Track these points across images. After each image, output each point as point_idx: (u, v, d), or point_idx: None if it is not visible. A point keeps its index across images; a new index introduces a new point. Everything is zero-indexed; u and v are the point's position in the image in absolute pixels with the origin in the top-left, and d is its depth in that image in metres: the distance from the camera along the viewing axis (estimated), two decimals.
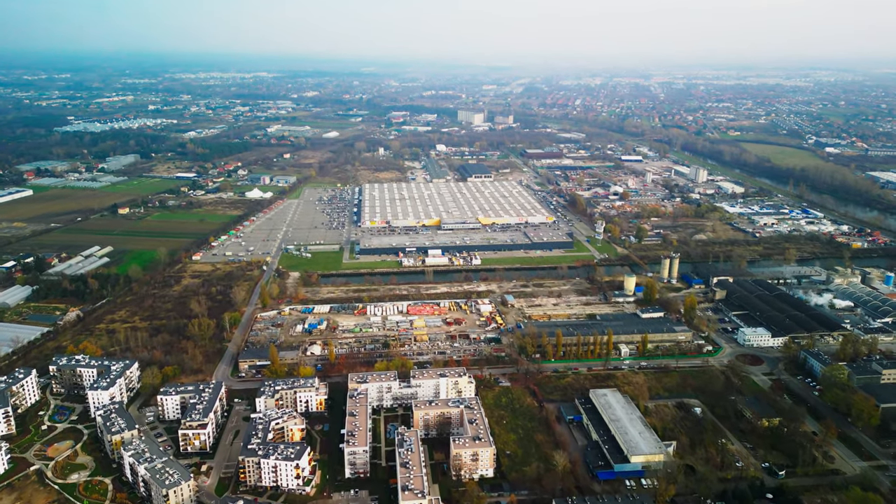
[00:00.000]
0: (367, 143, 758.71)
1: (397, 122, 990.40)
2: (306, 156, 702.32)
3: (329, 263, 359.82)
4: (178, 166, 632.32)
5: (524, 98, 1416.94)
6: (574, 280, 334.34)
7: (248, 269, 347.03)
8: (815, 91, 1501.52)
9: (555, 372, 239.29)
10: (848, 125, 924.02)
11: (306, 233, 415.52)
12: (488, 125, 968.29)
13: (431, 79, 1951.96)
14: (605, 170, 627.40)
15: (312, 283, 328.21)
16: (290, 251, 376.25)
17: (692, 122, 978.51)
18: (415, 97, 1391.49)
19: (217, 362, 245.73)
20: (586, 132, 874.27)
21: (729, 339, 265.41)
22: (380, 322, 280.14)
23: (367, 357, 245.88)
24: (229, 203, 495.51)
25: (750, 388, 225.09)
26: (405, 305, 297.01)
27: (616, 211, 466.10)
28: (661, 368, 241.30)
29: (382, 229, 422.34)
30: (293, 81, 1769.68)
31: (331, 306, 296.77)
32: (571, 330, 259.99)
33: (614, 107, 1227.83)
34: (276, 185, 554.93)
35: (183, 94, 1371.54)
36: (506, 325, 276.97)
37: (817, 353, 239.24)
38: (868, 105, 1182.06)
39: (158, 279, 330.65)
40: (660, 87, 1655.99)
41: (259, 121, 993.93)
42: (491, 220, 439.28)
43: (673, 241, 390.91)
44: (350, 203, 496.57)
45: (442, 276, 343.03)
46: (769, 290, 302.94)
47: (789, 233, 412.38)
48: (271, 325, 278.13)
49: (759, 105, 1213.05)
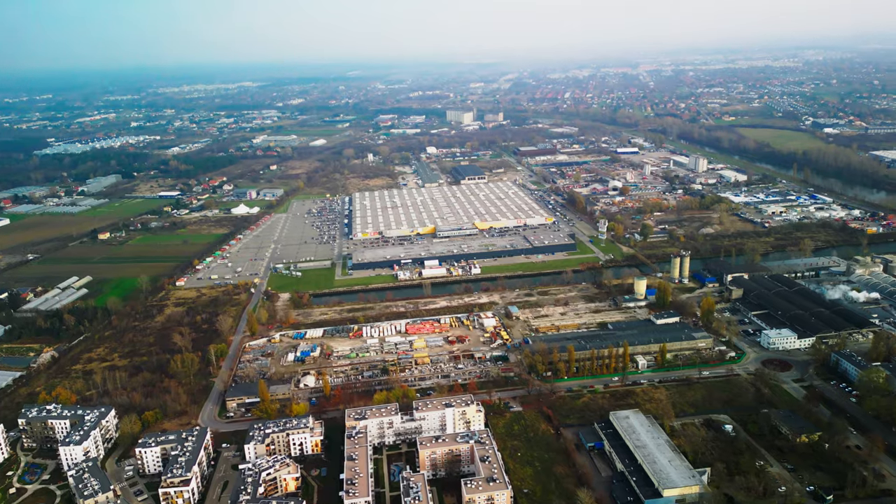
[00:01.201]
0: (356, 150, 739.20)
1: (385, 125, 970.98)
2: (293, 166, 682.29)
3: (321, 281, 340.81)
4: (161, 185, 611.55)
5: (513, 94, 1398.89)
6: (580, 285, 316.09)
7: (234, 292, 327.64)
8: (806, 71, 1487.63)
9: (569, 392, 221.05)
10: (843, 104, 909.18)
11: (296, 249, 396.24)
12: (478, 124, 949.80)
13: (418, 79, 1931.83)
14: (601, 164, 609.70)
15: (304, 304, 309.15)
16: (278, 270, 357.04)
17: (685, 110, 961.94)
18: (402, 99, 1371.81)
19: (203, 402, 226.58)
20: (578, 126, 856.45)
21: (752, 343, 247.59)
22: (377, 345, 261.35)
23: (364, 387, 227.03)
24: (214, 221, 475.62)
25: (782, 398, 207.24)
26: (403, 324, 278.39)
27: (617, 207, 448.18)
28: (682, 381, 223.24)
29: (375, 241, 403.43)
30: (278, 90, 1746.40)
31: (324, 329, 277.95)
32: (584, 343, 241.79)
33: (604, 98, 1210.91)
34: (262, 199, 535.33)
35: (166, 109, 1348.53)
36: (512, 340, 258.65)
37: (850, 354, 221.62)
38: (861, 82, 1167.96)
39: (139, 310, 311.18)
40: (648, 76, 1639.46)
41: (244, 132, 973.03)
42: (488, 224, 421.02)
43: (680, 236, 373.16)
44: (340, 214, 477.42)
45: (440, 289, 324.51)
46: (788, 286, 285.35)
47: (799, 221, 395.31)
48: (261, 355, 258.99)
49: (751, 88, 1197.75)
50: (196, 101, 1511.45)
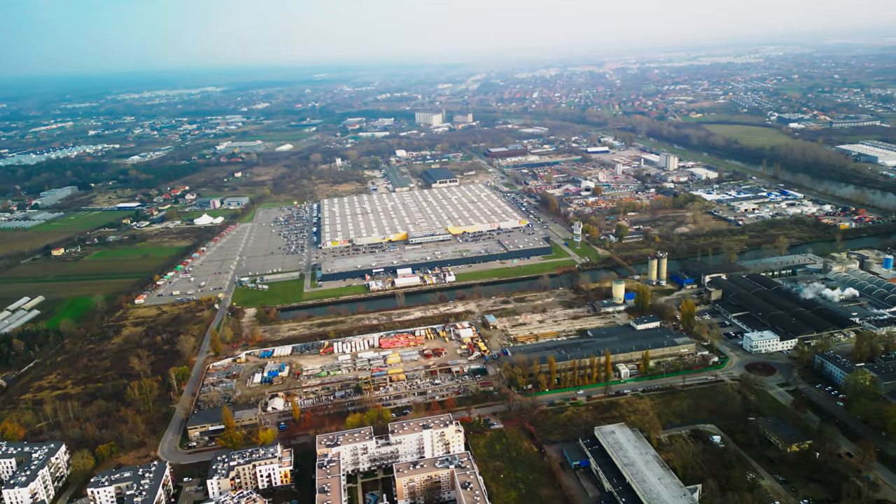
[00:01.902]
0: (324, 154, 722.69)
1: (353, 128, 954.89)
2: (259, 173, 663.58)
3: (289, 294, 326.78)
4: (119, 196, 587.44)
5: (481, 94, 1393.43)
6: (557, 290, 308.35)
7: (197, 309, 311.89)
8: (767, 67, 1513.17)
9: (551, 405, 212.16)
10: (806, 98, 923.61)
11: (262, 261, 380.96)
12: (448, 125, 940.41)
13: (385, 81, 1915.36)
14: (572, 164, 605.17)
15: (271, 319, 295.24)
16: (244, 284, 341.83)
17: (653, 107, 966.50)
18: (369, 101, 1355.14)
19: (162, 431, 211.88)
20: (548, 125, 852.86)
21: (734, 347, 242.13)
22: (349, 361, 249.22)
23: (337, 408, 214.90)
24: (176, 233, 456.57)
25: (768, 404, 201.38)
26: (377, 338, 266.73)
27: (590, 208, 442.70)
28: (667, 389, 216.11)
29: (345, 249, 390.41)
30: (243, 94, 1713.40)
31: (293, 347, 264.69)
32: (564, 353, 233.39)
33: (572, 97, 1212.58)
34: (227, 208, 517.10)
35: (126, 116, 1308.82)
36: (490, 351, 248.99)
37: (834, 356, 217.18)
38: (822, 77, 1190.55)
39: (95, 332, 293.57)
40: (615, 74, 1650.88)
41: (208, 139, 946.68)
42: (461, 229, 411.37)
43: (655, 237, 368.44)
44: (308, 222, 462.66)
45: (414, 299, 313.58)
46: (767, 286, 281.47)
47: (772, 217, 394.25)
48: (225, 376, 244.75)
49: (716, 84, 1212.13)
50: (157, 108, 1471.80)
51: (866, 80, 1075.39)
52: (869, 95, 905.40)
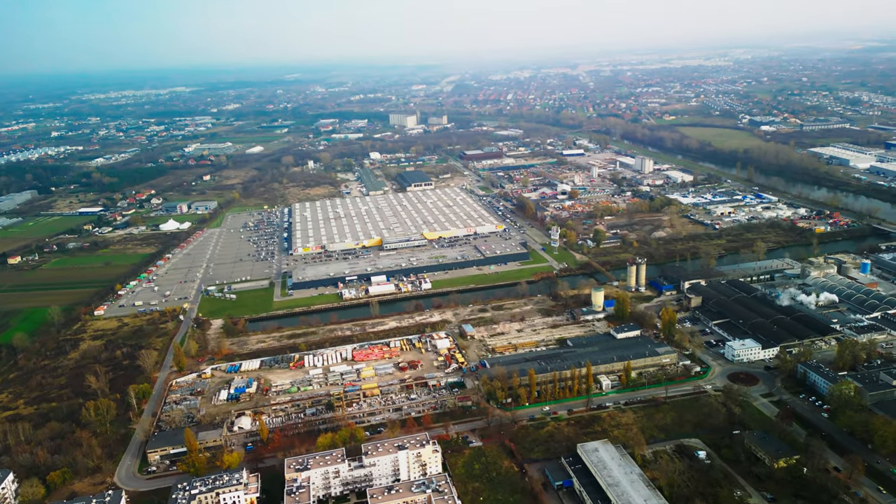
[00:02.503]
0: (295, 157, 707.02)
1: (326, 130, 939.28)
2: (228, 176, 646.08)
3: (258, 304, 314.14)
4: (81, 200, 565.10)
5: (455, 96, 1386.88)
6: (536, 298, 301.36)
7: (161, 321, 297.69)
8: (737, 69, 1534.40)
9: (531, 420, 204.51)
10: (776, 101, 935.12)
11: (230, 268, 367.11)
12: (422, 127, 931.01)
13: (359, 82, 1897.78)
14: (548, 167, 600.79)
15: (239, 331, 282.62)
16: (211, 293, 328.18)
17: (626, 110, 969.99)
18: (343, 103, 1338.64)
19: (120, 455, 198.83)
20: (523, 127, 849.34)
21: (716, 356, 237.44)
22: (321, 376, 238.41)
23: (307, 427, 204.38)
24: (141, 239, 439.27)
25: (753, 417, 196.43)
26: (350, 350, 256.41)
27: (567, 212, 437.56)
28: (649, 402, 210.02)
29: (317, 256, 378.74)
30: (212, 95, 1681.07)
31: (261, 360, 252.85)
32: (544, 364, 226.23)
33: (546, 99, 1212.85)
34: (194, 212, 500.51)
35: (91, 117, 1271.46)
36: (468, 363, 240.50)
37: (817, 365, 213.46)
38: (790, 80, 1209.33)
39: (50, 346, 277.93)
40: (588, 76, 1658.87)
41: (176, 140, 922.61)
42: (437, 234, 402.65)
43: (633, 242, 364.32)
44: (279, 227, 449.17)
45: (389, 307, 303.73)
46: (746, 292, 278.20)
47: (749, 221, 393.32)
48: (189, 393, 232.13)
49: (687, 87, 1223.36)
50: (124, 108, 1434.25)
51: (834, 83, 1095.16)
52: (837, 98, 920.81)
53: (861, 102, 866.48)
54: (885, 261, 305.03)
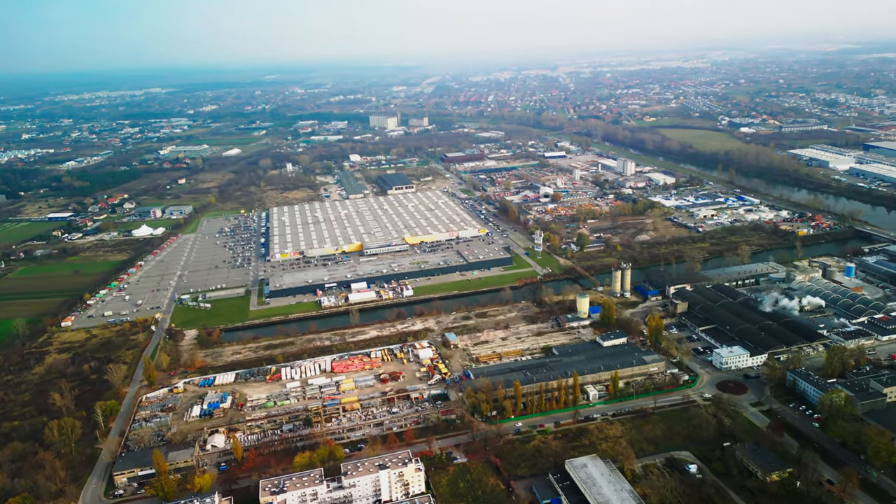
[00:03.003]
0: (273, 159, 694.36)
1: (305, 132, 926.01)
2: (204, 179, 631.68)
3: (233, 313, 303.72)
4: (51, 205, 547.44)
5: (436, 97, 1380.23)
6: (520, 304, 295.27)
7: (132, 332, 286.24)
8: (714, 71, 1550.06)
9: (517, 433, 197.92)
10: (754, 103, 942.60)
11: (205, 276, 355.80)
12: (403, 129, 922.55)
13: (339, 83, 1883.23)
14: (530, 169, 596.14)
15: (213, 342, 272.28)
16: (184, 302, 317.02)
17: (607, 111, 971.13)
18: (322, 104, 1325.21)
19: (85, 477, 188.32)
20: (504, 129, 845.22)
21: (703, 363, 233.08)
22: (299, 389, 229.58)
23: (284, 444, 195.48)
24: (112, 246, 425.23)
25: (744, 428, 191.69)
26: (329, 361, 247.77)
27: (550, 216, 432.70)
28: (638, 413, 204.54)
29: (296, 262, 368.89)
30: (189, 96, 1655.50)
31: (236, 373, 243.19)
32: (530, 375, 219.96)
33: (527, 100, 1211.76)
34: (168, 217, 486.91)
35: (63, 119, 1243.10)
36: (451, 374, 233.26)
37: (806, 373, 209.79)
38: (767, 81, 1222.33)
39: (14, 360, 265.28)
40: (568, 77, 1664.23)
41: (150, 143, 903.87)
42: (419, 238, 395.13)
43: (617, 245, 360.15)
44: (256, 232, 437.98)
45: (370, 315, 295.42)
46: (732, 297, 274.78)
47: (731, 224, 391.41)
48: (160, 410, 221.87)
49: (667, 89, 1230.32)
50: (97, 110, 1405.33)
51: (810, 85, 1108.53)
52: (814, 100, 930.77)
53: (837, 104, 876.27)
54: (869, 264, 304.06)
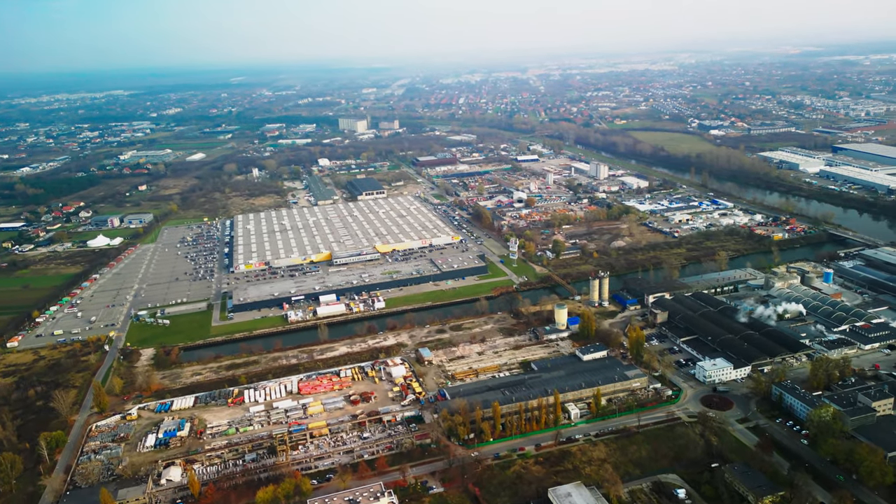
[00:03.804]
0: (239, 164, 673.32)
1: (272, 136, 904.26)
2: (167, 185, 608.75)
3: (194, 330, 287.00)
4: (1, 214, 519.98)
5: (407, 100, 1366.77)
6: (496, 315, 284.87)
7: (83, 352, 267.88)
8: (682, 74, 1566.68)
9: (497, 458, 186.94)
10: (722, 105, 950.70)
11: (164, 289, 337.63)
12: (373, 132, 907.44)
13: (307, 85, 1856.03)
14: (503, 173, 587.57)
15: (171, 362, 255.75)
16: (141, 318, 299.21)
17: (578, 114, 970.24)
18: (290, 107, 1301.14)
19: None
20: (476, 132, 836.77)
21: (686, 377, 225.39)
22: (263, 413, 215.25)
23: (246, 477, 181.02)
24: (66, 258, 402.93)
25: (731, 447, 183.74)
26: (295, 382, 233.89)
27: (525, 221, 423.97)
28: (622, 432, 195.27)
29: (261, 273, 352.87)
30: (153, 98, 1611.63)
31: (196, 396, 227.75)
32: (508, 393, 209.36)
33: (498, 103, 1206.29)
34: (127, 226, 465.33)
35: (19, 123, 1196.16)
36: (426, 393, 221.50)
37: (792, 387, 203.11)
38: (734, 84, 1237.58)
39: None
40: (538, 80, 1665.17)
41: (110, 147, 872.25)
42: (390, 246, 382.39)
43: (593, 252, 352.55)
44: (220, 242, 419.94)
45: (339, 330, 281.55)
46: (713, 306, 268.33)
47: (707, 229, 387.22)
48: (111, 440, 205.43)
49: (636, 91, 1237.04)
50: (56, 113, 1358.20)
51: (776, 87, 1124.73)
52: (780, 102, 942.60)
53: (803, 106, 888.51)
54: (847, 269, 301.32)
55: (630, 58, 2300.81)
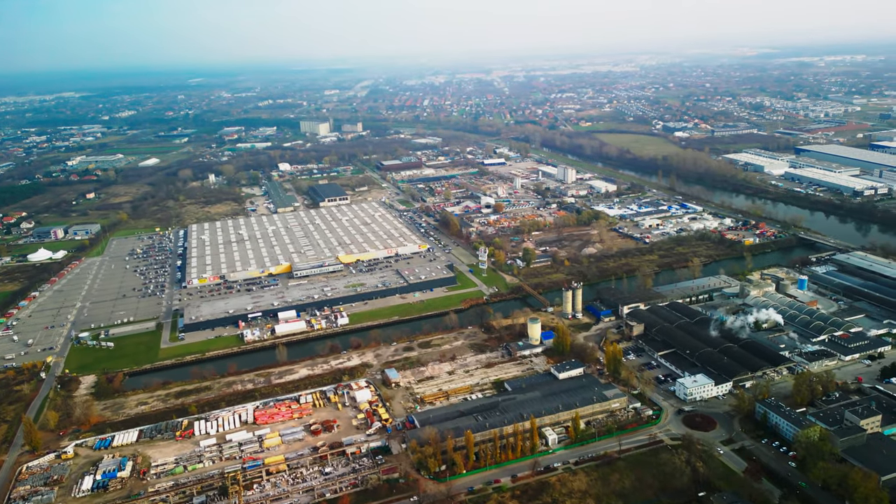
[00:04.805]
0: (195, 170, 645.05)
1: (231, 139, 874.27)
2: (117, 193, 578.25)
3: (141, 353, 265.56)
4: None
5: (370, 102, 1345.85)
6: (466, 330, 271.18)
7: (16, 381, 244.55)
8: (644, 75, 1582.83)
9: (470, 493, 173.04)
10: (685, 107, 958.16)
11: (110, 307, 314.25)
12: (336, 135, 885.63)
13: (268, 86, 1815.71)
14: (469, 177, 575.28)
15: (115, 390, 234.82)
16: (83, 341, 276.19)
17: (543, 116, 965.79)
18: (250, 109, 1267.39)
19: None
20: (441, 135, 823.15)
21: (666, 394, 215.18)
22: (214, 448, 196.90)
23: None
24: (3, 274, 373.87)
25: (718, 473, 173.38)
26: (251, 410, 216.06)
27: (493, 228, 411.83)
28: (602, 459, 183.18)
29: (216, 288, 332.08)
30: (106, 101, 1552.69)
31: (140, 430, 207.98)
32: (482, 420, 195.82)
33: (463, 105, 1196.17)
34: (72, 238, 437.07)
35: None
36: (393, 420, 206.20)
37: (777, 404, 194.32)
38: (695, 85, 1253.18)
39: None
40: (503, 82, 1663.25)
41: (58, 152, 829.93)
42: (354, 256, 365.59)
43: (564, 260, 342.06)
44: (173, 254, 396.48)
45: (299, 350, 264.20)
46: (689, 316, 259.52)
47: (678, 234, 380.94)
48: (43, 483, 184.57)
49: (600, 93, 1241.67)
50: (1, 117, 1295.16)
51: (735, 89, 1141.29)
52: (741, 104, 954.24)
53: (764, 107, 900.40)
54: (820, 276, 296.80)
55: (592, 59, 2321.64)
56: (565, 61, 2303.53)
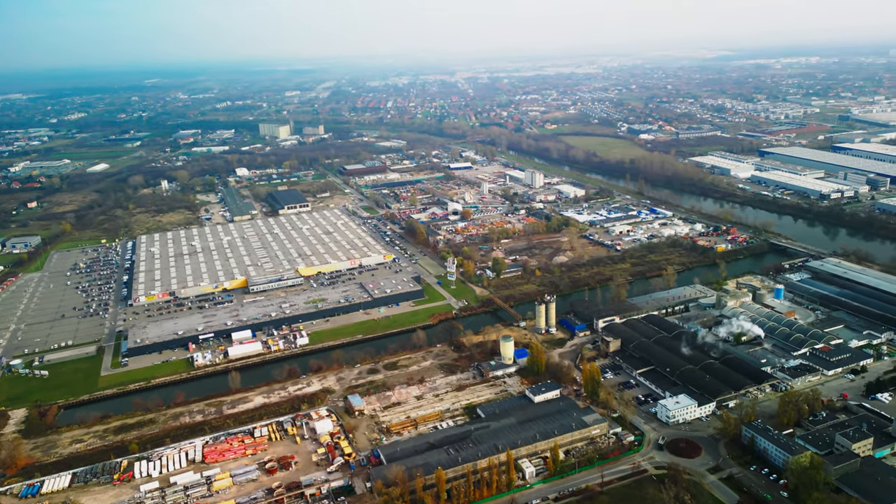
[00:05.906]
0: (147, 176, 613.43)
1: (186, 143, 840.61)
2: (61, 201, 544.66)
3: (78, 382, 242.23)
4: None
5: (332, 103, 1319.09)
6: (435, 349, 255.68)
7: None
8: (606, 77, 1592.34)
9: None
10: (648, 109, 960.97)
11: (47, 330, 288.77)
12: (297, 138, 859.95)
13: (226, 87, 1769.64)
14: (435, 182, 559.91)
15: (47, 426, 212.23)
16: (14, 369, 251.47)
17: (508, 118, 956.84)
18: (207, 111, 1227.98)
19: None
20: (406, 138, 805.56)
21: (648, 416, 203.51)
22: (156, 493, 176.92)
23: None
24: None
25: None
26: (199, 446, 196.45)
27: (461, 235, 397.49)
28: (584, 494, 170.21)
29: (165, 306, 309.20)
30: (55, 103, 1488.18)
31: (73, 473, 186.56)
32: (454, 453, 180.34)
33: (427, 107, 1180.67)
34: (10, 252, 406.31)
35: None
36: (357, 454, 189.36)
37: (764, 427, 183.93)
38: (657, 87, 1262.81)
39: None
40: (467, 83, 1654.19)
41: (0, 158, 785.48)
42: (315, 269, 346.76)
43: (535, 270, 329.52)
44: (119, 268, 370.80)
45: (255, 375, 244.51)
46: (667, 330, 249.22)
47: (649, 240, 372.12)
48: None
49: (564, 95, 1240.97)
50: None
51: (697, 91, 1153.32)
52: (703, 105, 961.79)
53: (725, 109, 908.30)
54: (796, 284, 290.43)
55: (555, 61, 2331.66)
56: (529, 63, 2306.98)
